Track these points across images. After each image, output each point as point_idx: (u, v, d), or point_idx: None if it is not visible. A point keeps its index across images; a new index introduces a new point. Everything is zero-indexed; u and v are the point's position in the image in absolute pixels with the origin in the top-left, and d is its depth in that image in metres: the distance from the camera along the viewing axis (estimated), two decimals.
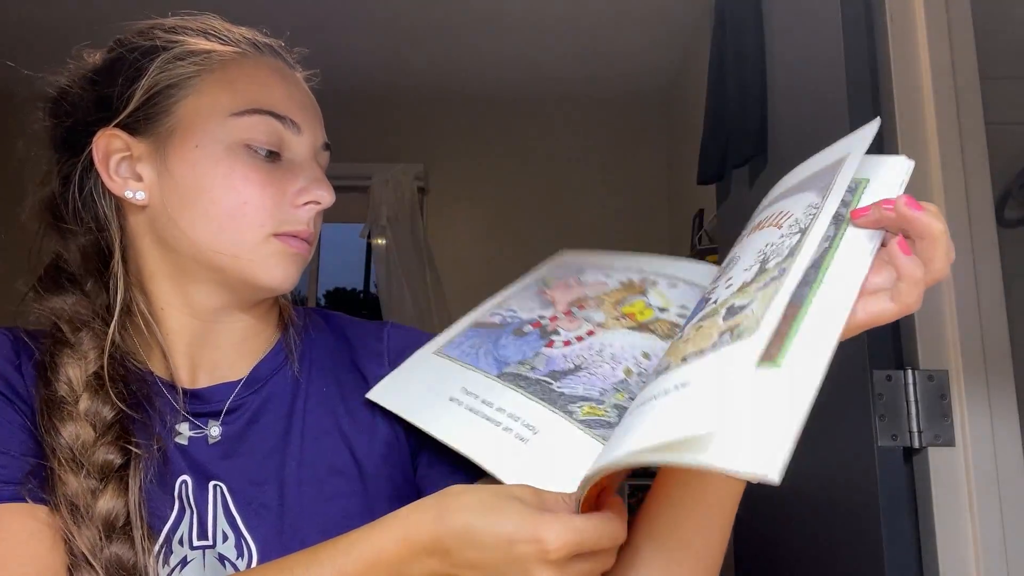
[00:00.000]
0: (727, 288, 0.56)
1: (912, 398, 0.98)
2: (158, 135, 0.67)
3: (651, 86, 3.11)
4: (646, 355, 0.65)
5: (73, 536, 0.58)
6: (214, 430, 0.68)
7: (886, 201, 0.52)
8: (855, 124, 1.09)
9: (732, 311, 0.51)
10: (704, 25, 2.37)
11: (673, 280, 0.72)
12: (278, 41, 0.76)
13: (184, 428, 0.67)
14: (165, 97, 0.67)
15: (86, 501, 0.59)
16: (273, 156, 0.68)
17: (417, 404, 0.68)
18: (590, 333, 0.68)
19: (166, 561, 0.62)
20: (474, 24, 2.63)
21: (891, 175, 0.56)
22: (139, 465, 0.62)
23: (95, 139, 0.67)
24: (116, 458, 0.61)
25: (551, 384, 0.64)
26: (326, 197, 0.69)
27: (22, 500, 0.59)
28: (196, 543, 0.63)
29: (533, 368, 0.66)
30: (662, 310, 0.69)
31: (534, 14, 2.56)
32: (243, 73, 0.69)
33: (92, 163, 0.68)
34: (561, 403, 0.62)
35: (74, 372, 0.63)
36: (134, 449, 0.62)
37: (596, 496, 0.55)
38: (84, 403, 0.62)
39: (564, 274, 0.78)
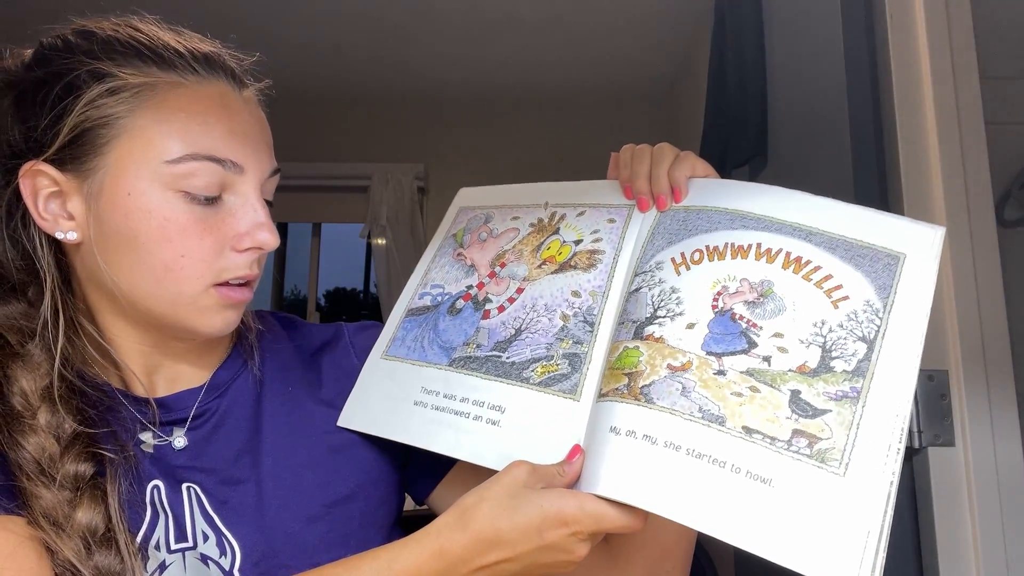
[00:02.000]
0: (774, 343, 0.59)
1: (912, 398, 0.98)
2: (87, 173, 0.62)
3: (651, 86, 3.10)
4: (575, 293, 0.69)
5: (58, 548, 0.57)
6: (179, 438, 0.67)
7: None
8: (855, 124, 1.10)
9: (802, 406, 0.55)
10: (704, 25, 2.37)
11: (579, 207, 0.75)
12: (225, 50, 0.69)
13: (147, 437, 0.66)
14: (94, 136, 0.62)
15: (64, 512, 0.58)
16: (213, 200, 0.63)
17: (385, 418, 0.70)
18: (519, 291, 0.71)
19: (143, 567, 0.61)
20: (474, 24, 2.63)
21: (927, 246, 0.60)
22: (115, 473, 0.61)
23: (21, 173, 0.62)
24: (87, 468, 0.59)
25: (500, 357, 0.68)
26: (269, 241, 0.65)
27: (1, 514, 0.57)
28: (174, 546, 0.63)
29: (479, 346, 0.69)
30: (577, 242, 0.72)
31: (534, 14, 2.56)
32: (179, 109, 0.62)
33: (20, 195, 0.63)
34: (515, 373, 0.66)
35: (28, 384, 0.61)
36: (108, 454, 0.61)
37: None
38: (43, 416, 0.60)
39: (474, 225, 0.80)
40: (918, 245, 0.60)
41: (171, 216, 0.62)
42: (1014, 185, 1.26)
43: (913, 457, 0.99)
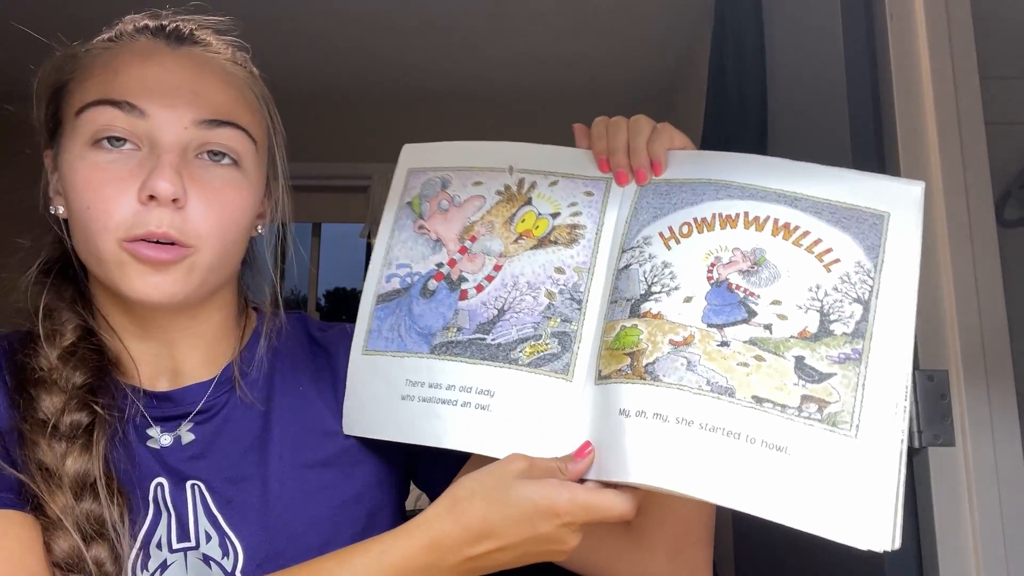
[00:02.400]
0: (773, 310, 0.58)
1: (912, 398, 0.98)
2: (57, 146, 0.67)
3: (651, 86, 3.10)
4: (559, 270, 0.67)
5: (47, 502, 0.58)
6: (186, 432, 0.67)
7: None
8: (855, 123, 1.10)
9: (807, 372, 0.56)
10: (704, 25, 2.36)
11: (549, 176, 0.71)
12: (167, 16, 0.69)
13: (155, 432, 0.66)
14: (52, 108, 0.67)
15: (55, 463, 0.59)
16: (118, 148, 0.62)
17: (378, 419, 0.69)
18: (497, 268, 0.68)
19: (144, 567, 0.61)
20: (474, 24, 2.63)
21: (908, 204, 0.60)
22: (104, 427, 0.62)
23: (44, 159, 0.69)
24: (83, 417, 0.61)
25: (484, 339, 0.65)
26: (160, 188, 0.60)
27: None
28: (176, 545, 0.63)
29: (460, 329, 0.67)
30: (554, 215, 0.69)
31: (534, 14, 2.56)
32: (97, 66, 0.65)
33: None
34: (502, 355, 0.64)
35: (51, 347, 0.63)
36: (99, 411, 0.62)
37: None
38: (57, 373, 0.62)
39: (430, 192, 0.74)
40: (899, 203, 0.60)
41: (80, 167, 0.62)
42: (1014, 185, 1.26)
43: (913, 457, 0.99)
